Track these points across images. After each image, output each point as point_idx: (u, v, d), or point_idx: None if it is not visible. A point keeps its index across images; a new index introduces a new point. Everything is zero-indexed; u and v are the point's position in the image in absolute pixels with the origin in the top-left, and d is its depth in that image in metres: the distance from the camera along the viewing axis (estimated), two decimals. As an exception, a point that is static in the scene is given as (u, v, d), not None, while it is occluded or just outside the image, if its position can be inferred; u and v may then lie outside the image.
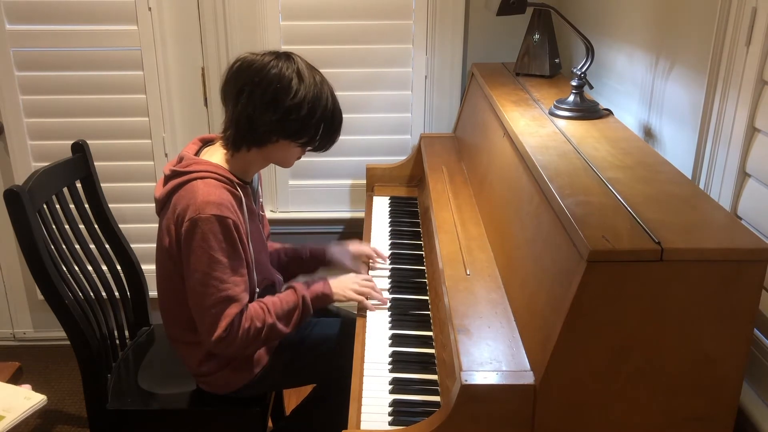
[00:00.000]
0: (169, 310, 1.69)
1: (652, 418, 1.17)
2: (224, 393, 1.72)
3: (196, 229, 1.48)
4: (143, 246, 2.41)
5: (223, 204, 1.50)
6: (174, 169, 1.58)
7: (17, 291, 2.78)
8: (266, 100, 1.52)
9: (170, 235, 1.56)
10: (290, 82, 1.52)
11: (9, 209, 1.60)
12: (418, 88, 2.52)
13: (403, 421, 1.31)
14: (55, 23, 2.40)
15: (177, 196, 1.54)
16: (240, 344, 1.55)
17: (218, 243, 1.49)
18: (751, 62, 1.29)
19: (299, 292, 1.65)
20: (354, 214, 2.63)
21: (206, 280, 1.50)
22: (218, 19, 2.39)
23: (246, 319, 1.55)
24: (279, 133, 1.56)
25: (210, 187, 1.51)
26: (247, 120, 1.53)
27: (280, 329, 1.60)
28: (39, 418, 2.43)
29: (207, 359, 1.67)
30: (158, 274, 1.67)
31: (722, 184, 1.39)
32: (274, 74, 1.52)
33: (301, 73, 1.54)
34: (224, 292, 1.51)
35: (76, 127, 2.49)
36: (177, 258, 1.56)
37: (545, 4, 1.98)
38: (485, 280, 1.49)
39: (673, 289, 1.08)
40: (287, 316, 1.62)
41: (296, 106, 1.53)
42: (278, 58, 1.55)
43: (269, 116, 1.52)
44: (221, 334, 1.52)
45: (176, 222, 1.53)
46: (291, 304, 1.63)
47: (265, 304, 1.61)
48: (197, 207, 1.49)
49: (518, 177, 1.54)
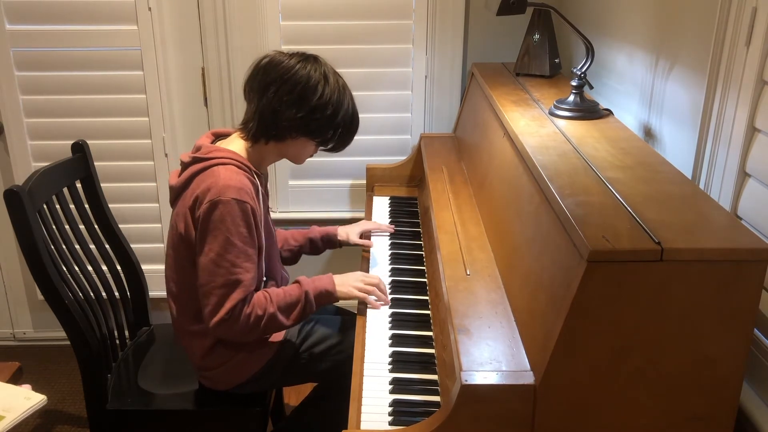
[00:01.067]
0: (178, 299, 1.70)
1: (652, 418, 1.17)
2: (225, 389, 1.73)
3: (215, 211, 1.52)
4: (143, 246, 2.41)
5: (243, 189, 1.55)
6: (194, 156, 1.62)
7: (17, 291, 2.78)
8: (294, 98, 1.59)
9: (186, 220, 1.59)
10: (318, 83, 1.61)
11: (9, 209, 1.60)
12: (418, 88, 2.52)
13: (403, 421, 1.31)
14: (55, 23, 2.40)
15: (197, 180, 1.59)
16: (239, 330, 1.57)
17: (236, 227, 1.53)
18: (751, 62, 1.29)
19: (303, 287, 1.66)
20: (354, 214, 2.62)
21: (219, 261, 1.53)
22: (218, 19, 2.39)
23: (248, 306, 1.57)
24: (300, 129, 1.62)
25: (231, 173, 1.56)
26: (272, 114, 1.60)
27: (280, 320, 1.62)
28: (39, 418, 2.44)
29: (211, 351, 1.68)
30: (169, 263, 1.69)
31: (722, 184, 1.39)
32: (303, 74, 1.60)
33: (327, 76, 1.63)
34: (234, 276, 1.54)
35: (76, 127, 2.49)
36: (192, 243, 1.59)
37: (545, 4, 1.98)
38: (485, 280, 1.49)
39: (673, 289, 1.08)
40: (289, 309, 1.64)
41: (322, 106, 1.61)
42: (306, 60, 1.63)
43: (294, 113, 1.59)
44: (224, 317, 1.54)
45: (193, 204, 1.57)
46: (294, 298, 1.64)
47: (269, 293, 1.63)
48: (219, 190, 1.53)
49: (518, 177, 1.54)
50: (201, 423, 1.76)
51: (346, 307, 2.06)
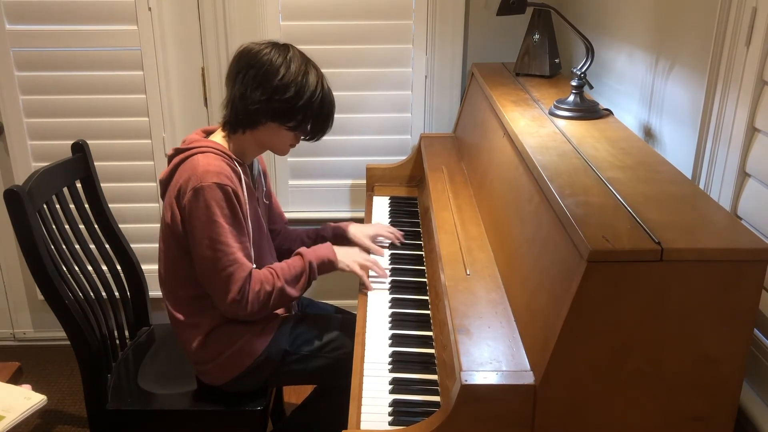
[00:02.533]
0: (171, 290, 1.71)
1: (652, 418, 1.17)
2: (222, 383, 1.73)
3: (199, 197, 1.55)
4: (143, 246, 2.41)
5: (222, 173, 1.58)
6: (176, 148, 1.66)
7: (17, 291, 2.78)
8: (257, 81, 1.62)
9: (172, 209, 1.61)
10: (280, 65, 1.62)
11: (9, 209, 1.60)
12: (418, 88, 2.52)
13: (403, 421, 1.31)
14: (55, 23, 2.40)
15: (179, 171, 1.62)
16: (253, 308, 1.61)
17: (221, 210, 1.56)
18: (751, 62, 1.29)
19: (306, 258, 1.71)
20: (354, 214, 2.62)
21: (214, 245, 1.56)
22: (218, 19, 2.39)
23: (256, 283, 1.61)
24: (267, 114, 1.64)
25: (210, 159, 1.60)
26: (240, 100, 1.63)
27: (289, 293, 1.67)
28: (39, 418, 2.44)
29: (205, 343, 1.69)
30: (161, 255, 1.71)
31: (722, 184, 1.39)
32: (267, 58, 1.62)
33: (292, 59, 1.64)
34: (232, 255, 1.58)
35: (76, 127, 2.49)
36: (179, 233, 1.62)
37: (545, 4, 1.98)
38: (485, 280, 1.49)
39: (673, 289, 1.08)
40: (295, 280, 1.69)
41: (283, 87, 1.62)
42: (275, 46, 1.65)
43: (257, 95, 1.62)
44: (236, 297, 1.58)
45: (178, 195, 1.59)
46: (298, 269, 1.70)
47: (274, 269, 1.67)
48: (198, 177, 1.56)
49: (518, 177, 1.54)
50: (201, 423, 1.76)
51: (346, 307, 2.06)
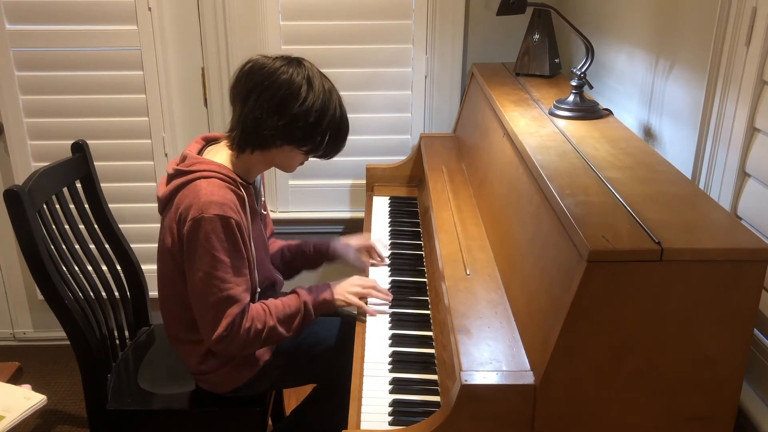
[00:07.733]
0: (169, 310, 1.69)
1: (652, 418, 1.17)
2: (223, 392, 1.72)
3: (200, 229, 1.49)
4: (143, 246, 2.41)
5: (226, 204, 1.51)
6: (177, 168, 1.58)
7: (17, 291, 2.78)
8: (274, 105, 1.52)
9: (172, 235, 1.56)
10: (299, 88, 1.53)
11: (9, 209, 1.60)
12: (418, 88, 2.51)
13: (403, 421, 1.31)
14: (55, 23, 2.40)
15: (180, 195, 1.55)
16: (240, 344, 1.56)
17: (221, 243, 1.50)
18: (751, 62, 1.29)
19: (302, 298, 1.65)
20: (354, 214, 2.62)
21: (208, 279, 1.51)
22: (218, 19, 2.39)
23: (247, 320, 1.55)
24: (284, 138, 1.56)
25: (213, 187, 1.52)
26: (254, 123, 1.54)
27: (280, 332, 1.61)
28: (39, 418, 2.44)
29: (206, 358, 1.67)
30: (159, 274, 1.67)
31: (722, 184, 1.39)
32: (284, 79, 1.52)
33: (311, 81, 1.55)
34: (226, 292, 1.52)
35: (76, 127, 2.49)
36: (179, 257, 1.57)
37: (545, 4, 1.98)
38: (485, 280, 1.49)
39: (673, 289, 1.08)
40: (288, 320, 1.62)
41: (304, 114, 1.53)
42: (289, 63, 1.55)
43: (275, 121, 1.53)
44: (222, 333, 1.52)
45: (179, 221, 1.53)
46: (293, 309, 1.63)
47: (267, 306, 1.61)
48: (200, 207, 1.49)
49: (518, 177, 1.54)
50: (201, 423, 1.76)
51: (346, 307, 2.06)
